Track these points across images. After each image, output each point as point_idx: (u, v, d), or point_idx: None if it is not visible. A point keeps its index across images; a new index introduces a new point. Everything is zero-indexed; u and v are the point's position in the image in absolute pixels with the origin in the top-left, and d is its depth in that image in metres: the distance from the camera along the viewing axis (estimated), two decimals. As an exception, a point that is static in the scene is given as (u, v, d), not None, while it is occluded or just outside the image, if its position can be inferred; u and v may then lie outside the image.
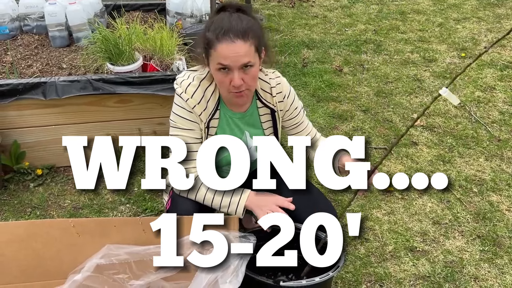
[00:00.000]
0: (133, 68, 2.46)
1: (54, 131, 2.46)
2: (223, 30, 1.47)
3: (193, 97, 1.62)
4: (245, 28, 1.49)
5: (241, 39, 1.47)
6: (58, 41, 2.94)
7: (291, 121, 1.80)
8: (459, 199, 2.41)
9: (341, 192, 2.44)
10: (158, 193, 2.40)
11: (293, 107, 1.77)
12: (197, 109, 1.62)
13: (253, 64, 1.52)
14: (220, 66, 1.51)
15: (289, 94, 1.75)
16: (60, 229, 1.45)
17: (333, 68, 3.70)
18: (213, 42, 1.49)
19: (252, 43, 1.50)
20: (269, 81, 1.70)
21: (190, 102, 1.61)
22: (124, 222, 1.47)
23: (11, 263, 1.50)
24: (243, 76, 1.51)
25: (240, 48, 1.47)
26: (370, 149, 2.81)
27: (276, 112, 1.73)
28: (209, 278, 1.44)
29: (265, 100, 1.70)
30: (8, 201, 2.35)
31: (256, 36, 1.52)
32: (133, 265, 1.49)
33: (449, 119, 3.09)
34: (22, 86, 2.31)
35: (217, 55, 1.49)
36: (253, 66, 1.53)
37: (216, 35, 1.48)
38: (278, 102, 1.71)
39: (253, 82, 1.57)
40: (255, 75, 1.56)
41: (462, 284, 1.95)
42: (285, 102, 1.74)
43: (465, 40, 4.13)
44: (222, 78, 1.53)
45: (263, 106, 1.72)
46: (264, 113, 1.73)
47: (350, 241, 2.16)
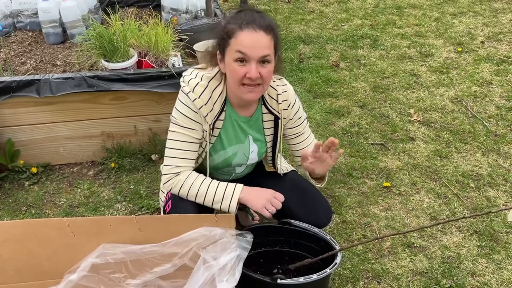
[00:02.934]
0: (128, 65, 2.44)
1: (49, 129, 2.44)
2: (247, 21, 1.48)
3: (201, 97, 1.59)
4: (267, 23, 1.50)
5: (263, 31, 1.48)
6: (52, 38, 2.91)
7: (292, 130, 1.80)
8: (456, 195, 2.41)
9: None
10: (155, 190, 2.39)
11: (296, 116, 1.77)
12: (203, 110, 1.59)
13: (270, 60, 1.51)
14: (238, 55, 1.48)
15: (294, 103, 1.74)
16: (55, 228, 1.43)
17: (330, 64, 3.69)
18: (234, 31, 1.48)
19: (272, 39, 1.51)
20: (276, 88, 1.69)
21: (197, 102, 1.58)
22: (119, 221, 1.45)
23: (6, 263, 1.48)
24: (260, 70, 1.50)
25: (262, 38, 1.47)
26: (367, 144, 2.80)
27: (280, 119, 1.72)
28: (206, 277, 1.44)
29: (270, 106, 1.70)
30: (3, 200, 2.33)
31: (276, 35, 1.53)
32: (129, 264, 1.48)
33: (446, 114, 3.08)
34: (16, 83, 2.28)
35: (238, 43, 1.47)
36: (270, 63, 1.52)
37: (239, 24, 1.48)
38: (283, 109, 1.71)
39: (268, 78, 1.55)
40: (271, 71, 1.55)
41: (459, 279, 1.95)
42: (289, 111, 1.74)
43: (461, 35, 4.12)
44: (238, 69, 1.50)
45: (268, 113, 1.71)
46: (268, 120, 1.73)
47: (347, 237, 2.15)
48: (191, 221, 1.49)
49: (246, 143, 1.75)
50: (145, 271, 1.48)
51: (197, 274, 1.43)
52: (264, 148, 1.80)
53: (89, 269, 1.45)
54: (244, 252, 1.50)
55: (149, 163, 2.58)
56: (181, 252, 1.47)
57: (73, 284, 1.42)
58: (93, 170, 2.54)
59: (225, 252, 1.48)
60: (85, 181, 2.45)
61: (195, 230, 1.48)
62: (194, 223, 1.49)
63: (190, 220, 1.49)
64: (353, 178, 2.52)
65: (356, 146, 2.78)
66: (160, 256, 1.46)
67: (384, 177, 2.53)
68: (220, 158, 1.75)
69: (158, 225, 1.47)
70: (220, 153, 1.74)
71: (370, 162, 2.64)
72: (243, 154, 1.77)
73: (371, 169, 2.59)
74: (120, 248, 1.45)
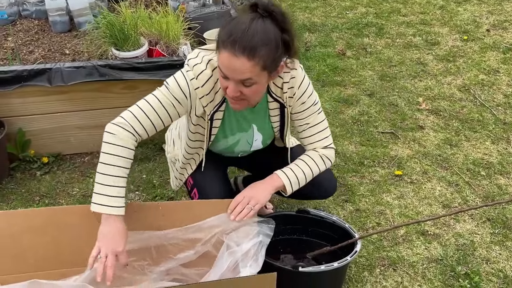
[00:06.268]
0: (139, 54, 2.42)
1: (60, 118, 2.42)
2: (232, 39, 1.32)
3: (204, 86, 1.50)
4: (256, 45, 1.32)
5: (245, 56, 1.32)
6: (59, 26, 2.88)
7: (300, 121, 1.68)
8: (467, 183, 2.42)
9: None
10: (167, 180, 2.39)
11: (300, 101, 1.63)
12: (204, 100, 1.52)
13: (255, 81, 1.39)
14: (219, 70, 1.41)
15: (299, 88, 1.60)
16: (78, 215, 1.43)
17: (336, 52, 3.67)
18: (218, 45, 1.38)
19: (258, 63, 1.34)
20: (282, 75, 1.56)
21: (199, 91, 1.50)
22: (144, 207, 1.45)
23: (28, 251, 1.48)
24: (241, 89, 1.40)
25: (241, 64, 1.33)
26: (377, 133, 2.80)
27: (285, 107, 1.63)
28: (230, 263, 1.44)
29: (275, 94, 1.60)
30: (16, 190, 2.32)
31: (267, 54, 1.35)
32: (153, 250, 1.48)
33: (454, 103, 3.08)
34: (27, 72, 2.26)
35: (220, 59, 1.38)
36: (256, 83, 1.40)
37: (223, 41, 1.35)
38: (289, 97, 1.61)
39: (254, 96, 1.46)
40: (257, 90, 1.44)
41: (474, 266, 1.97)
42: (295, 99, 1.62)
43: (466, 23, 4.11)
44: (222, 81, 1.44)
45: (273, 101, 1.62)
46: (274, 108, 1.65)
47: (361, 225, 2.16)
48: (214, 206, 1.49)
49: (249, 132, 1.70)
50: (168, 258, 1.49)
51: (221, 259, 1.43)
52: (269, 137, 1.76)
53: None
54: (266, 239, 1.50)
55: (160, 153, 2.57)
56: (204, 238, 1.48)
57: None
58: (104, 159, 2.52)
59: (247, 238, 1.48)
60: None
61: (218, 216, 1.48)
62: (217, 208, 1.49)
63: (213, 205, 1.50)
64: (364, 167, 2.53)
65: (367, 135, 2.78)
66: (184, 242, 1.47)
67: (396, 166, 2.54)
68: (221, 146, 1.72)
69: (181, 210, 1.47)
70: (221, 141, 1.70)
71: (381, 150, 2.65)
72: (246, 142, 1.73)
73: (382, 158, 2.59)
74: (144, 234, 1.45)
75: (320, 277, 1.65)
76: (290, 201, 2.28)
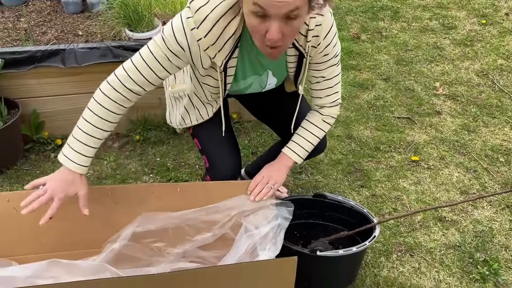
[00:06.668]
0: (153, 35, 2.38)
1: (74, 100, 2.41)
2: None
3: (207, 36, 1.26)
4: None
5: None
6: (72, 7, 2.84)
7: (316, 73, 1.50)
8: (485, 169, 2.38)
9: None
10: (181, 163, 2.37)
11: (323, 53, 1.44)
12: (210, 50, 1.29)
13: (300, 14, 1.15)
14: (256, 8, 1.13)
15: (325, 38, 1.39)
16: (96, 196, 1.41)
17: (351, 36, 3.61)
18: None
19: None
20: (308, 22, 1.33)
21: (202, 43, 1.27)
22: (162, 189, 1.43)
23: (45, 232, 1.47)
24: (283, 29, 1.16)
25: None
26: (393, 118, 2.75)
27: (305, 57, 1.43)
28: (248, 245, 1.42)
29: (297, 43, 1.38)
30: (30, 171, 2.31)
31: None
32: (170, 231, 1.46)
33: (472, 88, 3.02)
34: (41, 53, 2.24)
35: None
36: (299, 17, 1.16)
37: None
38: (311, 47, 1.39)
39: (292, 36, 1.23)
40: (297, 27, 1.21)
41: (493, 253, 1.94)
42: (318, 50, 1.42)
43: (485, 7, 4.01)
44: (256, 25, 1.17)
45: (293, 47, 1.41)
46: (292, 54, 1.45)
47: (378, 211, 2.13)
48: (232, 188, 1.47)
49: (263, 76, 1.53)
50: (185, 240, 1.47)
51: (239, 242, 1.41)
52: (283, 80, 1.62)
53: (130, 237, 1.44)
54: (285, 222, 1.48)
55: (174, 136, 2.55)
56: (222, 221, 1.46)
57: (115, 253, 1.40)
58: (118, 142, 2.51)
59: (266, 221, 1.46)
60: (111, 153, 2.43)
61: (237, 197, 1.46)
62: (235, 189, 1.47)
63: (231, 186, 1.48)
64: (380, 152, 2.49)
65: (382, 120, 2.73)
66: (201, 223, 1.45)
67: (412, 151, 2.50)
68: (232, 88, 1.54)
69: (200, 192, 1.45)
70: (232, 84, 1.51)
71: (397, 136, 2.61)
72: (259, 85, 1.56)
73: (398, 143, 2.55)
74: (162, 215, 1.43)
75: (338, 262, 1.64)
76: (305, 185, 2.26)
